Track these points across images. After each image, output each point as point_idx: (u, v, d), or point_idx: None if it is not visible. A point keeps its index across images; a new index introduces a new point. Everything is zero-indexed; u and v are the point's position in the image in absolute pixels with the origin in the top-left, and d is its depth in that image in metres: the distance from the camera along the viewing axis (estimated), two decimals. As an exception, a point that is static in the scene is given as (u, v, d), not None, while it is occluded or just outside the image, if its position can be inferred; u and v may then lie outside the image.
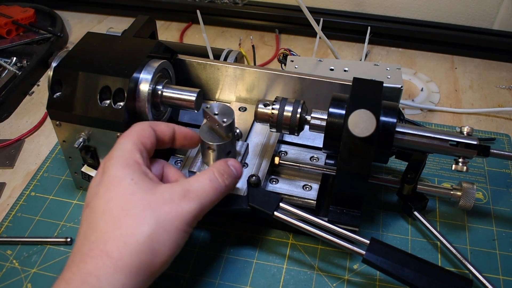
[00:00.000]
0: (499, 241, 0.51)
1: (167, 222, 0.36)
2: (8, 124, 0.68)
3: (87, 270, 0.33)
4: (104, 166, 0.39)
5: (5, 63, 0.75)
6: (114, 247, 0.34)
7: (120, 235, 0.34)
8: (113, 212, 0.36)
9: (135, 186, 0.37)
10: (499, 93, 0.72)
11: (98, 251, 0.34)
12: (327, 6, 0.87)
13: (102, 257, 0.34)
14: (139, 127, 0.42)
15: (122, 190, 0.37)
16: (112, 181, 0.37)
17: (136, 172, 0.38)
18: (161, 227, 0.36)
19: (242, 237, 0.52)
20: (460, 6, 0.82)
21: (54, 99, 0.48)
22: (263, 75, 0.55)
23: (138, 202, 0.36)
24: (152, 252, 0.35)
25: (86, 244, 0.35)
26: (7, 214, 0.55)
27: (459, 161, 0.45)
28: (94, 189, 0.38)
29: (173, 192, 0.38)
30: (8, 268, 0.49)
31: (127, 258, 0.34)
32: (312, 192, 0.50)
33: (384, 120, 0.44)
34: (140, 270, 0.34)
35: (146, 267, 0.35)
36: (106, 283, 0.33)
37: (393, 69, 0.59)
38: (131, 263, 0.34)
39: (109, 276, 0.33)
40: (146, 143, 0.41)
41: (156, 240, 0.35)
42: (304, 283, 0.47)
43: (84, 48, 0.51)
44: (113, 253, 0.34)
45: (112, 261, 0.33)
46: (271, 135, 0.54)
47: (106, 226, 0.35)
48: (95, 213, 0.36)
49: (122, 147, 0.39)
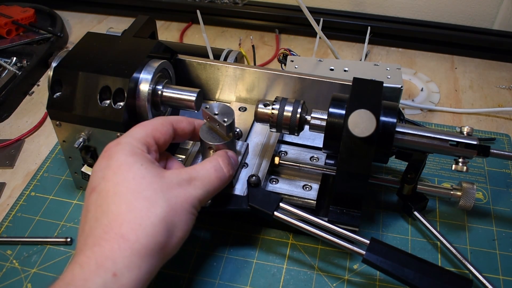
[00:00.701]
0: (499, 241, 0.51)
1: (178, 204, 0.37)
2: (8, 124, 0.68)
3: (103, 253, 0.33)
4: (109, 150, 0.39)
5: (5, 63, 0.75)
6: (129, 229, 0.34)
7: (134, 217, 0.34)
8: (124, 195, 0.36)
9: (145, 170, 0.37)
10: (499, 93, 0.72)
11: (113, 234, 0.34)
12: (327, 6, 0.87)
13: (117, 240, 0.33)
14: (160, 121, 0.42)
15: (132, 174, 0.37)
16: (121, 165, 0.37)
17: (144, 159, 0.38)
18: (173, 209, 0.36)
19: (242, 237, 0.52)
20: (460, 6, 0.82)
21: (54, 99, 0.48)
22: (263, 75, 0.55)
23: (150, 185, 0.36)
24: (167, 233, 0.35)
25: (98, 227, 0.34)
26: (7, 214, 0.55)
27: (459, 161, 0.45)
28: (100, 173, 0.38)
29: (181, 178, 0.39)
30: (8, 268, 0.49)
31: (143, 240, 0.34)
32: (312, 192, 0.50)
33: (384, 120, 0.44)
34: (155, 252, 0.34)
35: (160, 248, 0.35)
36: (122, 265, 0.33)
37: (393, 69, 0.59)
38: (147, 245, 0.34)
39: (125, 259, 0.33)
40: (158, 138, 0.41)
41: (170, 222, 0.36)
42: (304, 283, 0.47)
43: (84, 48, 0.51)
44: (128, 235, 0.34)
45: (129, 244, 0.33)
46: (271, 135, 0.54)
47: (118, 209, 0.35)
48: (105, 196, 0.36)
49: (133, 135, 0.40)
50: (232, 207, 0.46)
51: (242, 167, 0.50)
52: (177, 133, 0.44)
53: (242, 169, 0.50)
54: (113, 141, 0.40)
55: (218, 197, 0.46)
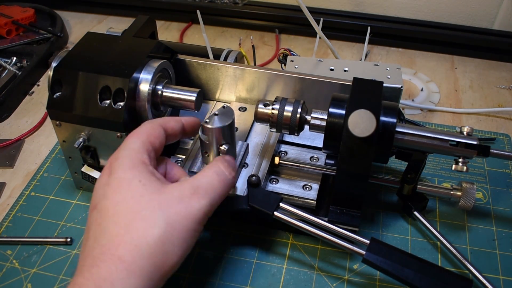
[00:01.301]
0: (499, 241, 0.51)
1: (177, 222, 0.36)
2: (8, 124, 0.68)
3: (100, 275, 0.33)
4: (110, 166, 0.39)
5: (5, 63, 0.75)
6: (126, 250, 0.34)
7: (131, 238, 0.34)
8: (123, 215, 0.35)
9: (143, 187, 0.37)
10: (499, 93, 0.72)
11: (110, 255, 0.34)
12: (327, 6, 0.87)
13: (114, 262, 0.33)
14: (149, 126, 0.42)
15: (131, 192, 0.36)
16: (120, 183, 0.37)
17: (143, 173, 0.38)
18: (172, 228, 0.35)
19: (242, 237, 0.52)
20: (460, 6, 0.82)
21: (54, 99, 0.48)
22: (263, 75, 0.55)
23: (148, 203, 0.36)
24: (164, 253, 0.35)
25: (97, 247, 0.35)
26: (7, 214, 0.55)
27: (459, 161, 0.45)
28: (101, 191, 0.38)
29: (182, 190, 0.37)
30: (8, 268, 0.49)
31: (139, 262, 0.34)
32: (312, 192, 0.50)
33: (384, 120, 0.44)
34: (153, 273, 0.34)
35: (158, 269, 0.35)
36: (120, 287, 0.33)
37: (393, 69, 0.59)
38: (143, 266, 0.34)
39: (123, 281, 0.33)
40: (154, 143, 0.41)
41: (167, 241, 0.35)
42: (304, 283, 0.47)
43: (84, 48, 0.51)
44: (125, 257, 0.33)
45: (125, 266, 0.33)
46: (271, 135, 0.54)
47: (116, 229, 0.35)
48: (104, 215, 0.36)
49: (130, 147, 0.39)
50: (232, 207, 0.46)
51: (242, 167, 0.50)
52: (168, 134, 0.43)
53: (242, 169, 0.50)
54: (113, 154, 0.39)
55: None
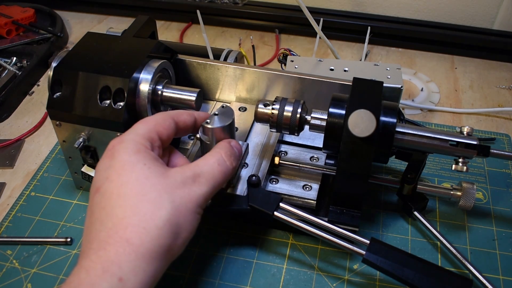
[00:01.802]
0: (499, 241, 0.51)
1: (183, 205, 0.36)
2: (8, 124, 0.68)
3: (108, 258, 0.33)
4: (113, 149, 0.38)
5: (5, 63, 0.75)
6: (134, 233, 0.34)
7: (138, 220, 0.34)
8: (129, 197, 0.35)
9: (148, 170, 0.37)
10: (499, 93, 0.72)
11: (118, 237, 0.33)
12: (327, 6, 0.87)
13: (122, 244, 0.33)
14: (160, 116, 0.42)
15: (136, 175, 0.36)
16: (125, 166, 0.37)
17: (147, 157, 0.38)
18: (178, 211, 0.36)
19: (242, 237, 0.52)
20: (460, 6, 0.82)
21: (54, 99, 0.48)
22: (263, 75, 0.55)
23: (154, 186, 0.36)
24: (171, 236, 0.35)
25: (103, 231, 0.34)
26: (7, 214, 0.55)
27: (459, 161, 0.45)
28: (104, 173, 0.37)
29: (185, 176, 0.38)
30: (8, 268, 0.49)
31: (147, 244, 0.34)
32: (312, 192, 0.50)
33: (384, 120, 0.44)
34: (161, 255, 0.34)
35: (166, 251, 0.35)
36: (128, 270, 0.32)
37: (393, 69, 0.59)
38: (152, 248, 0.34)
39: (131, 264, 0.33)
40: (162, 133, 0.41)
41: (174, 223, 0.35)
42: (304, 283, 0.47)
43: (84, 48, 0.51)
44: (133, 239, 0.33)
45: (133, 248, 0.33)
46: (271, 135, 0.54)
47: (122, 212, 0.35)
48: (109, 198, 0.36)
49: (135, 131, 0.39)
50: (232, 207, 0.46)
51: (242, 167, 0.50)
52: (179, 127, 0.43)
53: (242, 169, 0.50)
54: (116, 138, 0.39)
55: (218, 197, 0.46)
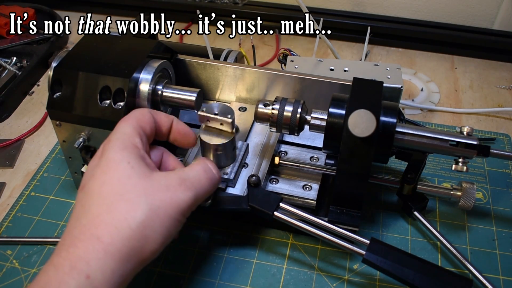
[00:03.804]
0: (499, 241, 0.51)
1: (161, 209, 0.36)
2: (8, 124, 0.68)
3: (77, 254, 0.33)
4: (102, 149, 0.38)
5: (5, 63, 0.75)
6: (105, 231, 0.33)
7: (112, 219, 0.34)
8: (107, 196, 0.35)
9: (131, 170, 0.36)
10: (499, 93, 0.72)
11: (89, 234, 0.33)
12: (327, 6, 0.87)
13: (92, 241, 0.33)
14: (139, 112, 0.41)
15: (118, 174, 0.36)
16: (109, 164, 0.37)
17: (133, 156, 0.37)
18: (155, 214, 0.35)
19: (242, 237, 0.52)
20: (460, 6, 0.82)
21: (54, 99, 0.48)
22: (263, 75, 0.55)
23: (133, 187, 0.36)
24: (144, 238, 0.34)
25: (77, 227, 0.34)
26: (7, 214, 0.55)
27: (459, 161, 0.45)
28: (90, 172, 0.37)
29: (170, 180, 0.37)
30: (8, 268, 0.49)
31: (117, 244, 0.33)
32: (312, 192, 0.50)
33: (384, 120, 0.44)
34: (131, 256, 0.34)
35: (136, 253, 0.34)
36: (96, 268, 0.32)
37: (393, 69, 0.59)
38: (121, 248, 0.33)
39: (99, 261, 0.32)
40: (145, 128, 0.40)
41: (149, 227, 0.35)
42: (304, 283, 0.47)
43: (84, 48, 0.51)
44: (103, 238, 0.33)
45: (103, 246, 0.33)
46: (271, 135, 0.54)
47: (98, 210, 0.35)
48: (89, 196, 0.36)
49: (121, 131, 0.39)
50: (232, 207, 0.46)
51: (242, 167, 0.50)
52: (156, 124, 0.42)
53: (242, 169, 0.50)
54: (106, 139, 0.39)
55: (218, 197, 0.46)
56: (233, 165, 0.49)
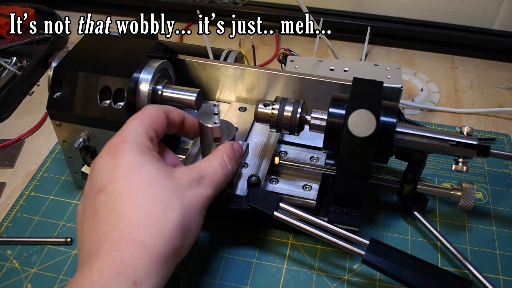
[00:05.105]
0: (499, 241, 0.51)
1: (191, 207, 0.37)
2: (8, 124, 0.68)
3: (122, 260, 0.32)
4: (115, 148, 0.37)
5: (5, 63, 0.75)
6: (148, 235, 0.33)
7: (152, 222, 0.34)
8: (139, 198, 0.35)
9: (157, 171, 0.37)
10: (499, 93, 0.72)
11: (131, 239, 0.33)
12: (327, 6, 0.87)
13: (136, 246, 0.33)
14: (153, 111, 0.41)
15: (145, 175, 0.36)
16: (132, 165, 0.36)
17: (154, 159, 0.38)
18: (188, 212, 0.36)
19: (242, 237, 0.52)
20: (460, 6, 0.82)
21: (54, 99, 0.48)
22: (263, 75, 0.55)
23: (164, 187, 0.36)
24: (182, 237, 0.35)
25: (114, 231, 0.34)
26: (7, 214, 0.55)
27: (459, 161, 0.45)
28: (108, 173, 0.36)
29: (191, 178, 0.38)
30: (8, 268, 0.49)
31: (161, 246, 0.33)
32: (312, 192, 0.50)
33: (384, 120, 0.44)
34: (172, 257, 0.34)
35: (176, 252, 0.35)
36: (142, 274, 0.32)
37: (393, 69, 0.59)
38: (165, 251, 0.34)
39: (145, 266, 0.32)
40: (157, 130, 0.40)
41: (185, 225, 0.36)
42: (304, 283, 0.47)
43: (84, 48, 0.51)
44: (146, 242, 0.33)
45: (147, 251, 0.33)
46: (271, 135, 0.54)
47: (134, 213, 0.34)
48: (117, 198, 0.35)
49: (136, 131, 0.39)
50: (232, 207, 0.46)
51: (242, 167, 0.50)
52: (169, 122, 0.42)
53: (242, 169, 0.50)
54: (116, 137, 0.38)
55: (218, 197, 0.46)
56: (233, 165, 0.48)
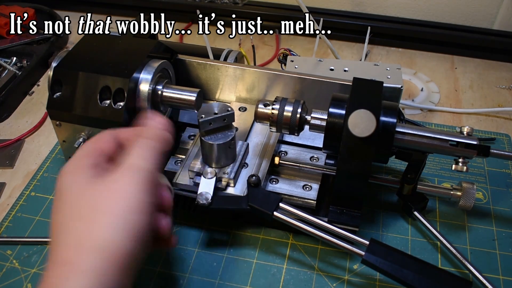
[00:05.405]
0: (499, 241, 0.51)
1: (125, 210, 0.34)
2: (8, 124, 0.68)
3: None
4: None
5: (5, 63, 0.75)
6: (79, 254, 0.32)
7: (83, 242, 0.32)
8: (63, 220, 0.34)
9: (84, 187, 0.35)
10: (499, 93, 0.72)
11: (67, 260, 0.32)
12: (327, 6, 0.87)
13: (71, 268, 0.31)
14: (97, 136, 0.39)
15: (69, 197, 0.35)
16: (59, 190, 0.35)
17: (84, 173, 0.35)
18: (119, 218, 0.33)
19: (242, 237, 0.52)
20: (460, 6, 0.82)
21: (54, 99, 0.48)
22: (263, 75, 0.55)
23: (87, 203, 0.34)
24: (117, 246, 0.33)
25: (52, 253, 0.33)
26: (7, 214, 0.55)
27: (459, 161, 0.45)
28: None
29: (120, 176, 0.35)
30: (8, 268, 0.49)
31: (94, 262, 0.32)
32: (312, 192, 0.50)
33: (384, 120, 0.44)
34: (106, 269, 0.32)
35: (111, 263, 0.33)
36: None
37: (393, 69, 0.59)
38: (99, 265, 0.32)
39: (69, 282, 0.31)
40: (102, 146, 0.38)
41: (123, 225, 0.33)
42: (304, 283, 0.47)
43: (84, 48, 0.51)
44: (82, 263, 0.31)
45: (81, 269, 0.31)
46: (271, 135, 0.54)
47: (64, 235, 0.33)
48: (53, 226, 0.34)
49: (75, 155, 0.37)
50: (232, 207, 0.46)
51: (242, 167, 0.50)
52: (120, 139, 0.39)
53: (242, 169, 0.50)
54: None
55: (218, 197, 0.46)
56: (233, 165, 0.49)
